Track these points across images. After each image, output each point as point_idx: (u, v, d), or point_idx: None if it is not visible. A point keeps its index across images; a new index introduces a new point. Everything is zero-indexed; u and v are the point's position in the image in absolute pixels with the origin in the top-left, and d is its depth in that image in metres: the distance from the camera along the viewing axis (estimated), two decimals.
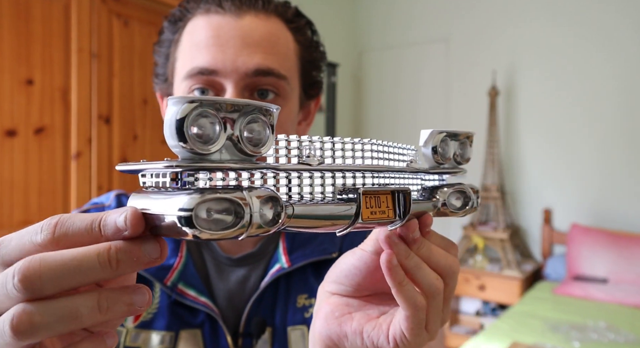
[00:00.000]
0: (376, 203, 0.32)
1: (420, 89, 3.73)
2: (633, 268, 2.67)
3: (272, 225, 0.25)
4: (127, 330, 0.59)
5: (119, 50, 1.83)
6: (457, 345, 3.09)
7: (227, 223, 0.23)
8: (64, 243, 0.25)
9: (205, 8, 0.56)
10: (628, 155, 2.99)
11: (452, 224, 3.58)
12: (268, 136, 0.26)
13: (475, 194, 0.41)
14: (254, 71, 0.54)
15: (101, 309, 0.24)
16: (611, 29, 3.01)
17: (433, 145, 0.39)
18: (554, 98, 3.21)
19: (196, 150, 0.24)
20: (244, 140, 0.25)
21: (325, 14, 3.65)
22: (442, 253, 0.37)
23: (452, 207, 0.39)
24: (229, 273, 0.63)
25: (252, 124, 0.26)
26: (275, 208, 0.25)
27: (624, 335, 2.06)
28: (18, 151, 1.56)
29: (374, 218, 0.32)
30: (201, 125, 0.24)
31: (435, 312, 0.36)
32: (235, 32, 0.54)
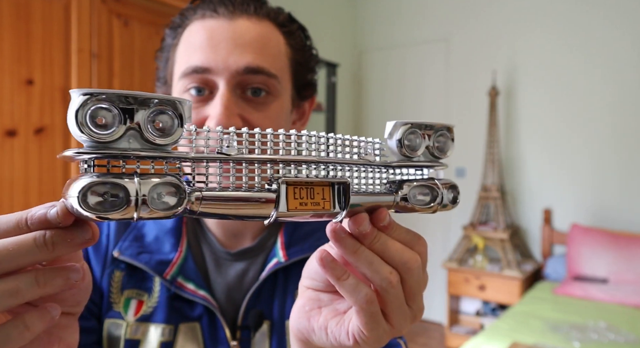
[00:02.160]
0: (308, 194, 0.32)
1: (420, 89, 3.73)
2: (633, 268, 2.67)
3: (172, 208, 0.27)
4: (127, 323, 0.60)
5: (119, 51, 1.83)
6: (457, 345, 3.09)
7: (114, 206, 0.26)
8: None
9: (201, 14, 0.59)
10: (628, 155, 2.99)
11: (452, 224, 3.58)
12: (176, 127, 0.28)
13: (449, 190, 0.38)
14: (244, 69, 0.57)
15: (39, 284, 0.29)
16: (609, 32, 3.01)
17: (398, 138, 0.37)
18: (554, 98, 3.21)
19: (95, 138, 0.26)
20: (148, 130, 0.27)
21: (325, 14, 3.65)
22: (399, 249, 0.36)
23: (418, 203, 0.37)
24: (228, 267, 0.65)
25: (161, 115, 0.28)
26: (177, 194, 0.27)
27: (624, 335, 2.06)
28: (18, 151, 1.56)
29: (305, 209, 0.32)
30: (96, 115, 0.26)
31: (394, 306, 0.35)
32: (227, 34, 0.57)
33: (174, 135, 0.28)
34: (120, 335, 0.60)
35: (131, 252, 0.61)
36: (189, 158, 0.29)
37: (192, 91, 0.58)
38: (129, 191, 0.26)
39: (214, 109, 0.56)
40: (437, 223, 3.67)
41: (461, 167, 3.55)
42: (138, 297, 0.62)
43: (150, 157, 0.28)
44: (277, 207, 0.31)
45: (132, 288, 0.62)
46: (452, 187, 0.39)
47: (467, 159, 3.52)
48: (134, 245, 0.62)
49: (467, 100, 3.52)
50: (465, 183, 3.53)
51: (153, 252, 0.62)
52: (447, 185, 0.39)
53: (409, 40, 3.77)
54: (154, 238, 0.64)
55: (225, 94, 0.56)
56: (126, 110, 0.27)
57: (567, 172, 3.18)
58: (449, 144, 0.39)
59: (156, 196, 0.27)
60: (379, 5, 3.91)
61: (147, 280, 0.62)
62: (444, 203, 0.38)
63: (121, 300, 0.61)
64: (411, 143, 0.37)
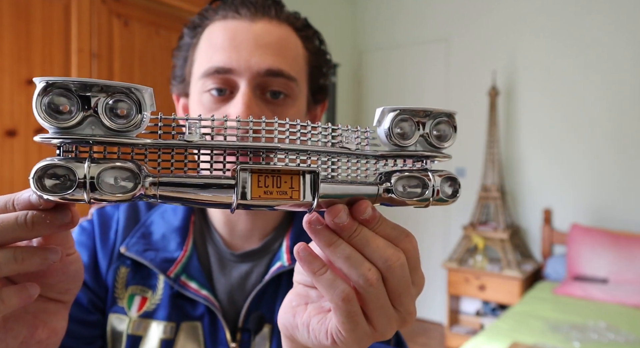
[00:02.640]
0: (274, 182, 0.31)
1: (420, 89, 3.74)
2: (633, 268, 2.67)
3: (126, 192, 0.28)
4: (130, 319, 0.61)
5: (119, 51, 1.83)
6: (457, 345, 3.09)
7: (64, 188, 0.27)
8: None
9: (222, 14, 0.61)
10: (628, 155, 2.99)
11: (452, 224, 3.58)
12: (134, 114, 0.29)
13: (445, 182, 0.34)
14: (265, 71, 0.57)
15: (17, 260, 0.31)
16: (608, 34, 3.02)
17: (387, 126, 0.33)
18: (553, 98, 3.21)
19: (55, 124, 0.28)
20: (107, 116, 0.28)
21: (325, 14, 3.65)
22: (381, 245, 0.33)
23: (408, 195, 0.33)
24: (232, 268, 0.65)
25: (120, 102, 0.28)
26: (132, 179, 0.28)
27: (624, 335, 2.06)
28: (18, 151, 1.56)
29: (271, 198, 0.31)
30: (54, 102, 0.28)
31: (375, 307, 0.33)
32: (249, 35, 0.58)
33: (132, 122, 0.29)
34: (122, 330, 0.61)
35: (137, 249, 0.62)
36: (143, 144, 0.30)
37: (213, 92, 0.59)
38: (77, 174, 0.28)
39: (235, 108, 0.56)
40: (437, 223, 3.67)
41: (461, 167, 3.55)
42: (142, 293, 0.62)
43: (106, 142, 0.29)
44: (238, 194, 0.30)
45: (137, 284, 0.63)
46: (449, 178, 0.35)
47: (467, 159, 3.52)
48: (140, 242, 0.63)
49: (467, 100, 3.52)
50: (465, 183, 3.53)
51: (159, 250, 0.63)
52: (443, 177, 0.34)
53: (409, 40, 3.77)
54: (160, 237, 0.64)
55: (246, 94, 0.57)
56: (84, 98, 0.28)
57: (567, 172, 3.18)
58: (450, 132, 0.35)
59: (107, 180, 0.28)
60: (379, 5, 3.92)
61: (152, 278, 0.63)
62: (439, 198, 0.34)
63: (125, 296, 0.62)
64: (402, 131, 0.34)
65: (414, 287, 0.35)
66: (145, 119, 0.29)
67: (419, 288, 0.35)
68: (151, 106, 0.30)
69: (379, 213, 0.33)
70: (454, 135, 0.35)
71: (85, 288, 0.62)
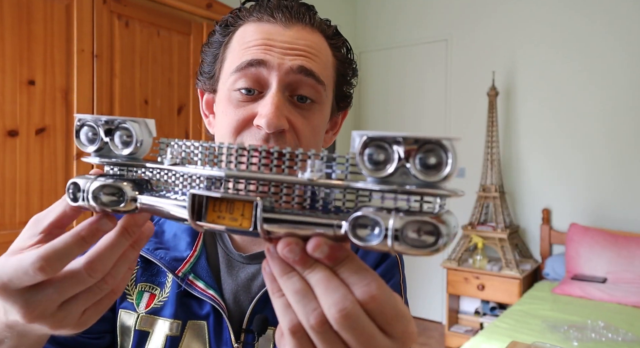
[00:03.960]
0: (228, 208, 0.32)
1: (420, 89, 3.74)
2: (631, 268, 2.68)
3: (113, 205, 0.35)
4: (138, 315, 0.63)
5: (120, 51, 1.83)
6: (457, 345, 3.10)
7: (75, 198, 0.36)
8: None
9: (257, 16, 0.61)
10: (627, 155, 3.00)
11: None
12: (133, 143, 0.36)
13: (416, 226, 0.27)
14: (298, 67, 0.58)
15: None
16: (605, 37, 3.03)
17: (358, 152, 0.29)
18: (552, 98, 3.22)
19: (88, 149, 0.38)
20: (115, 145, 0.37)
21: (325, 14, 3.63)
22: (333, 288, 0.29)
23: (359, 239, 0.29)
24: (239, 270, 0.65)
25: (122, 132, 0.36)
26: (117, 195, 0.35)
27: (622, 334, 2.07)
28: (20, 151, 1.56)
29: (223, 223, 0.32)
30: (83, 134, 0.38)
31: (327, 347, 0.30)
32: (283, 38, 0.59)
33: (131, 148, 0.36)
34: (131, 326, 0.63)
35: (148, 247, 0.64)
36: (128, 164, 0.37)
37: (242, 91, 0.58)
38: (81, 187, 0.36)
39: (265, 108, 0.56)
40: None
41: (461, 167, 3.56)
42: (151, 290, 0.64)
43: (110, 163, 0.38)
44: (194, 216, 0.33)
45: (146, 281, 0.65)
46: (422, 223, 0.27)
47: (466, 159, 3.53)
48: (152, 240, 0.65)
49: (467, 100, 3.53)
50: (464, 183, 3.54)
51: (169, 249, 0.64)
52: (413, 221, 0.27)
53: (409, 40, 3.78)
54: (172, 236, 0.66)
55: (276, 94, 0.57)
56: (106, 131, 0.37)
57: (566, 172, 3.19)
58: (443, 162, 0.27)
59: (100, 195, 0.35)
60: (379, 5, 3.92)
61: (160, 275, 0.65)
62: (398, 248, 0.28)
63: (135, 292, 0.64)
64: (374, 159, 0.29)
65: (390, 340, 0.30)
66: (145, 145, 0.37)
67: (400, 343, 0.31)
68: (148, 134, 0.36)
69: (346, 253, 0.30)
70: (451, 166, 0.27)
71: None
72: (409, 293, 3.40)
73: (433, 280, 3.68)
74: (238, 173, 0.32)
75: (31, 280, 0.34)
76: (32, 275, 0.34)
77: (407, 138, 0.28)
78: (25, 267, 0.34)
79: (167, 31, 2.00)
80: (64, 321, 0.37)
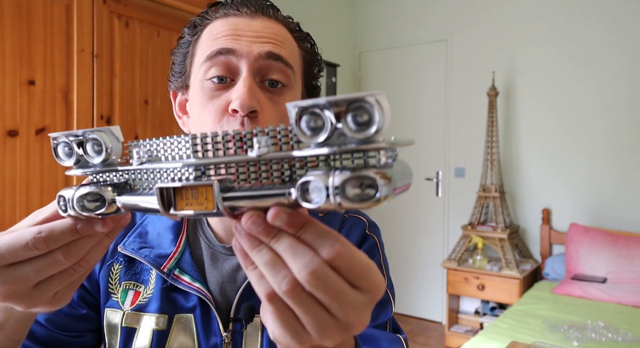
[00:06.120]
0: (193, 195, 0.34)
1: (420, 89, 3.74)
2: (631, 268, 2.68)
3: (95, 210, 0.38)
4: (124, 312, 0.65)
5: (120, 51, 1.84)
6: (457, 345, 3.10)
7: (65, 209, 0.38)
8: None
9: (224, 13, 0.64)
10: (627, 155, 3.00)
11: (452, 224, 3.59)
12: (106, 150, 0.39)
13: (353, 182, 0.28)
14: (266, 53, 0.60)
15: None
16: (604, 37, 3.03)
17: (292, 122, 0.31)
18: (552, 98, 3.22)
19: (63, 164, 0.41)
20: (89, 155, 0.40)
21: (325, 14, 3.65)
22: (300, 252, 0.31)
23: (306, 200, 0.30)
24: (224, 262, 0.67)
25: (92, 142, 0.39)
26: (99, 200, 0.38)
27: (622, 334, 2.07)
28: (20, 151, 1.56)
29: (191, 208, 0.34)
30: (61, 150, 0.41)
31: (301, 313, 0.32)
32: (250, 28, 0.62)
33: (102, 156, 0.39)
34: (117, 323, 0.65)
35: (133, 247, 0.67)
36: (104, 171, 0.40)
37: (214, 79, 0.60)
38: (66, 199, 0.38)
39: (237, 92, 0.58)
40: (436, 223, 3.68)
41: (460, 167, 3.56)
42: (135, 288, 0.66)
43: (89, 173, 0.41)
44: (165, 207, 0.35)
45: (129, 280, 0.67)
46: (358, 178, 0.28)
47: (466, 159, 3.53)
48: (136, 240, 0.67)
49: (467, 100, 3.53)
50: (464, 183, 3.54)
51: (153, 247, 0.67)
52: (350, 177, 0.28)
53: (409, 40, 3.78)
54: (155, 235, 0.68)
55: (248, 78, 0.59)
56: (78, 143, 0.40)
57: (566, 172, 3.19)
58: (372, 117, 0.28)
59: (84, 203, 0.38)
60: (379, 5, 3.92)
61: (144, 273, 0.67)
62: (345, 204, 0.29)
63: (119, 291, 0.67)
64: (311, 126, 0.30)
65: (360, 293, 0.32)
66: (116, 150, 0.39)
67: (370, 295, 0.33)
68: (115, 141, 0.39)
69: (305, 219, 0.32)
70: (380, 117, 0.28)
71: None
72: (409, 293, 3.39)
73: (433, 280, 3.68)
74: (194, 161, 0.34)
75: (23, 254, 0.37)
76: (28, 249, 0.37)
77: (333, 101, 0.29)
78: (23, 239, 0.37)
79: (167, 31, 2.00)
80: (38, 299, 0.39)
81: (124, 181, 0.40)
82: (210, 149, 0.34)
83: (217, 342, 0.63)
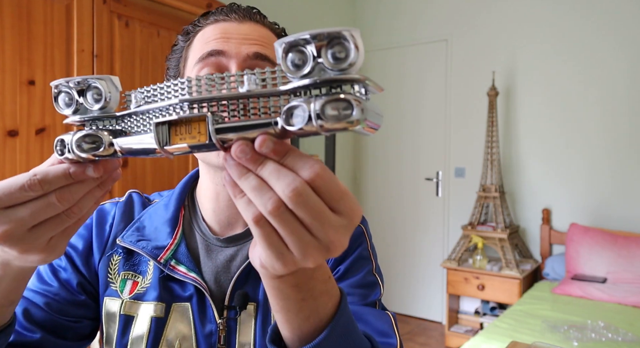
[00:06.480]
0: (187, 130, 0.37)
1: (420, 89, 3.74)
2: (631, 268, 2.68)
3: (93, 150, 0.40)
4: (122, 301, 0.69)
5: (120, 51, 1.84)
6: (457, 345, 3.10)
7: (62, 152, 0.41)
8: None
9: (214, 19, 0.69)
10: (626, 155, 3.00)
11: (452, 224, 3.59)
12: (105, 97, 0.41)
13: (331, 104, 0.32)
14: (254, 54, 0.65)
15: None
16: (604, 37, 3.03)
17: (278, 59, 0.34)
18: (552, 99, 3.22)
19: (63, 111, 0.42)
20: (89, 103, 0.41)
21: (325, 14, 3.65)
22: (283, 175, 0.34)
23: (291, 125, 0.33)
24: (218, 253, 0.71)
25: (92, 91, 0.41)
26: (96, 142, 0.40)
27: (622, 334, 2.07)
28: (20, 151, 1.56)
29: (185, 142, 0.37)
30: (61, 99, 0.42)
31: (285, 233, 0.34)
32: (239, 31, 0.67)
33: (101, 103, 0.41)
34: (116, 311, 0.69)
35: (131, 240, 0.70)
36: (103, 117, 0.42)
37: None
38: (65, 141, 0.40)
39: None
40: (436, 222, 3.68)
41: (460, 167, 3.56)
42: (133, 278, 0.70)
43: (87, 119, 0.42)
44: (161, 144, 0.38)
45: (128, 270, 0.71)
46: (340, 101, 0.32)
47: (466, 159, 3.53)
48: (134, 234, 0.72)
49: (467, 100, 3.53)
50: (464, 183, 3.54)
51: (151, 240, 0.70)
52: (328, 101, 0.32)
53: (409, 40, 3.78)
54: (153, 229, 0.72)
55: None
56: (79, 92, 0.42)
57: (566, 171, 3.19)
58: (348, 51, 0.32)
59: (82, 144, 0.40)
60: (379, 5, 3.92)
61: (142, 265, 0.71)
62: (325, 125, 0.32)
63: (118, 280, 0.70)
64: (294, 62, 0.33)
65: (339, 217, 0.35)
66: (114, 99, 0.41)
67: (348, 219, 0.35)
68: (114, 89, 0.41)
69: (288, 147, 0.35)
70: (355, 53, 0.32)
71: (76, 272, 0.71)
72: (409, 293, 3.38)
73: (433, 280, 3.68)
74: (190, 97, 0.37)
75: (19, 196, 0.39)
76: (23, 190, 0.39)
77: (316, 34, 0.32)
78: (20, 181, 0.39)
79: (167, 31, 2.00)
80: (33, 244, 0.42)
81: (119, 128, 0.42)
82: (204, 89, 0.37)
83: (212, 329, 0.66)
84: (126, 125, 0.42)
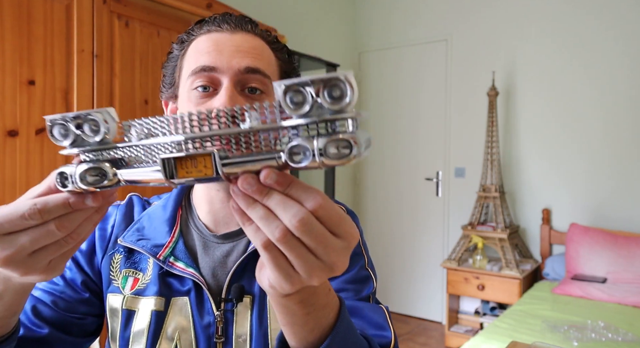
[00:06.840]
0: (192, 164, 0.39)
1: (420, 89, 3.74)
2: (631, 268, 2.68)
3: (97, 183, 0.41)
4: (124, 296, 0.72)
5: (120, 51, 1.83)
6: (457, 345, 3.10)
7: (64, 184, 0.41)
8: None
9: (207, 29, 0.71)
10: (627, 155, 3.00)
11: (452, 224, 3.59)
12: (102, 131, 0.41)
13: (335, 143, 0.35)
14: (245, 68, 0.67)
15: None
16: (605, 37, 3.03)
17: (278, 99, 0.36)
18: (552, 98, 3.22)
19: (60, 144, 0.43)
20: (85, 134, 0.42)
21: (325, 15, 3.65)
22: (289, 205, 0.37)
23: (294, 161, 0.36)
24: (215, 249, 0.74)
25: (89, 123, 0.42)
26: (99, 174, 0.41)
27: (622, 334, 2.07)
28: (20, 151, 1.56)
29: (191, 176, 0.39)
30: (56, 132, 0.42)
31: (292, 257, 0.37)
32: (230, 43, 0.69)
33: (100, 135, 0.41)
34: (118, 307, 0.72)
35: (131, 239, 0.74)
36: (103, 148, 0.42)
37: (199, 89, 0.67)
38: (68, 174, 0.41)
39: (220, 100, 0.65)
40: (436, 223, 3.68)
41: (460, 167, 3.56)
42: (134, 275, 0.74)
43: (87, 151, 0.43)
44: (167, 176, 0.39)
45: (129, 268, 0.74)
46: (337, 141, 0.35)
47: (466, 159, 3.53)
48: (134, 234, 0.75)
49: (467, 100, 3.53)
50: (464, 183, 3.54)
51: (150, 239, 0.74)
52: (331, 140, 0.35)
53: (409, 40, 3.78)
54: (152, 229, 0.75)
55: (229, 88, 0.66)
56: (76, 126, 0.42)
57: (566, 171, 3.19)
58: (344, 92, 0.35)
59: (86, 177, 0.41)
60: (378, 5, 3.92)
61: (142, 262, 0.74)
62: (327, 162, 0.35)
63: (120, 278, 0.74)
64: (294, 101, 0.36)
65: (339, 239, 0.38)
66: (112, 130, 0.42)
67: (347, 241, 0.38)
68: (111, 121, 0.42)
69: (291, 178, 0.37)
70: (350, 93, 0.35)
71: (81, 271, 0.75)
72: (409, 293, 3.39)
73: (433, 280, 3.68)
74: (194, 134, 0.39)
75: (20, 224, 0.41)
76: (24, 219, 0.40)
77: (314, 80, 0.35)
78: (20, 210, 0.41)
79: (167, 31, 2.00)
80: (33, 267, 0.43)
81: (119, 157, 0.43)
82: (206, 124, 0.39)
83: (210, 321, 0.69)
84: (125, 153, 0.42)
